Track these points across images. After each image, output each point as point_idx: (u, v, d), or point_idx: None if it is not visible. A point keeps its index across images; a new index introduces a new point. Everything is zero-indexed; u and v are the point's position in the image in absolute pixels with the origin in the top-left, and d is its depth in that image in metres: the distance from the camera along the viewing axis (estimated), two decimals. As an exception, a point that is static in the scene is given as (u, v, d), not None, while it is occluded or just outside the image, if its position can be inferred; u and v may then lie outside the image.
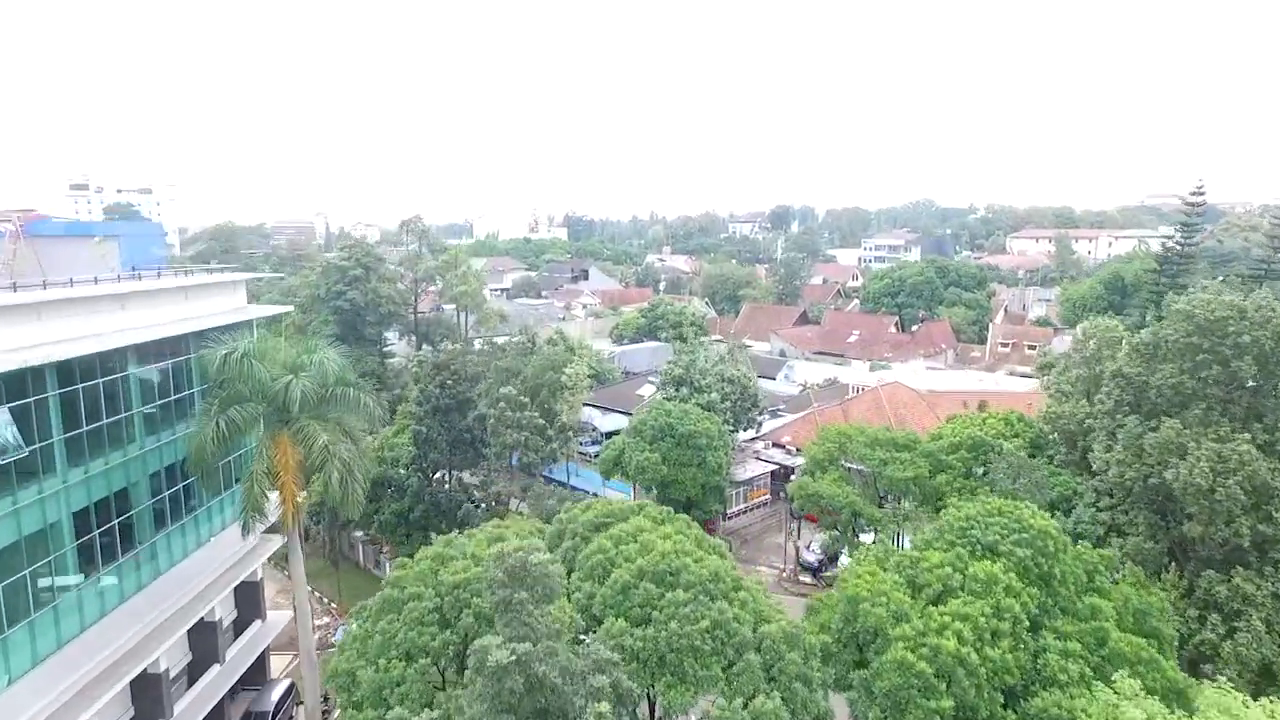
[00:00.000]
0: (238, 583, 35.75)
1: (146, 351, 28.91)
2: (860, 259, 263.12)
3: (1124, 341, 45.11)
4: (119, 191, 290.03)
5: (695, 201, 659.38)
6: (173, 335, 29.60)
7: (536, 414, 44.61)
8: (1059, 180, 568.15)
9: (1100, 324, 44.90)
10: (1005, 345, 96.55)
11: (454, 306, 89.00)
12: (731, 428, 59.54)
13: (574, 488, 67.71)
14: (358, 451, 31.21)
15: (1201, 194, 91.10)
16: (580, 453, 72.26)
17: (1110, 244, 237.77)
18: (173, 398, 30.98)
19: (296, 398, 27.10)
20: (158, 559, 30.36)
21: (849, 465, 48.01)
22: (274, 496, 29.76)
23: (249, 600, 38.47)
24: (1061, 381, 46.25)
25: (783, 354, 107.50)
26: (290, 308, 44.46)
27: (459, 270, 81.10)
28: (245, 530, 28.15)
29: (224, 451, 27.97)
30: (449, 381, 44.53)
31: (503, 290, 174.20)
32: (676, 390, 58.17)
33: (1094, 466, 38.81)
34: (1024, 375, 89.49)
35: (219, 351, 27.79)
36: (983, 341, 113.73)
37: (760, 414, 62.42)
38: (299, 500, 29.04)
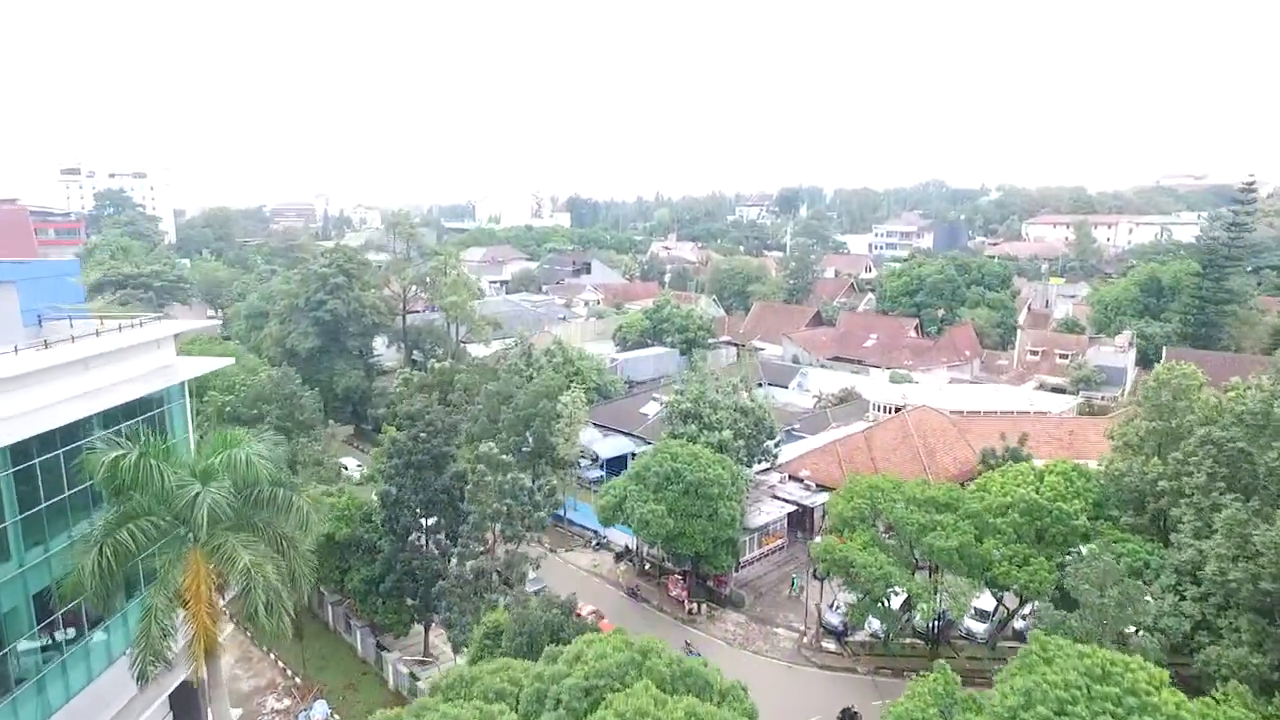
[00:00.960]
0: (171, 690, 30.33)
1: (25, 449, 23.06)
2: (871, 245, 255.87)
3: (1202, 388, 39.11)
4: (111, 176, 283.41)
5: (701, 181, 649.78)
6: (62, 424, 23.72)
7: (524, 477, 38.66)
8: (1071, 160, 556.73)
9: (1176, 369, 38.73)
10: (1035, 353, 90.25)
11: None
12: (745, 463, 53.82)
13: (571, 523, 62.14)
14: (298, 554, 25.46)
15: (1253, 190, 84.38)
16: (579, 477, 66.60)
17: (1131, 230, 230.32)
18: (67, 494, 25.18)
19: (203, 521, 21.25)
20: (47, 695, 24.73)
21: (875, 506, 42.16)
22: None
23: (185, 705, 32.91)
24: (1128, 432, 40.21)
25: (795, 360, 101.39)
26: (230, 360, 38.53)
27: (449, 278, 74.97)
28: (141, 680, 22.41)
29: (114, 578, 22.09)
30: (423, 435, 38.64)
31: (502, 283, 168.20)
32: (684, 425, 52.28)
33: (1181, 551, 32.91)
34: (1056, 389, 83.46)
35: (106, 455, 21.84)
36: (1007, 346, 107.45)
37: (776, 445, 56.54)
38: (214, 632, 23.21)
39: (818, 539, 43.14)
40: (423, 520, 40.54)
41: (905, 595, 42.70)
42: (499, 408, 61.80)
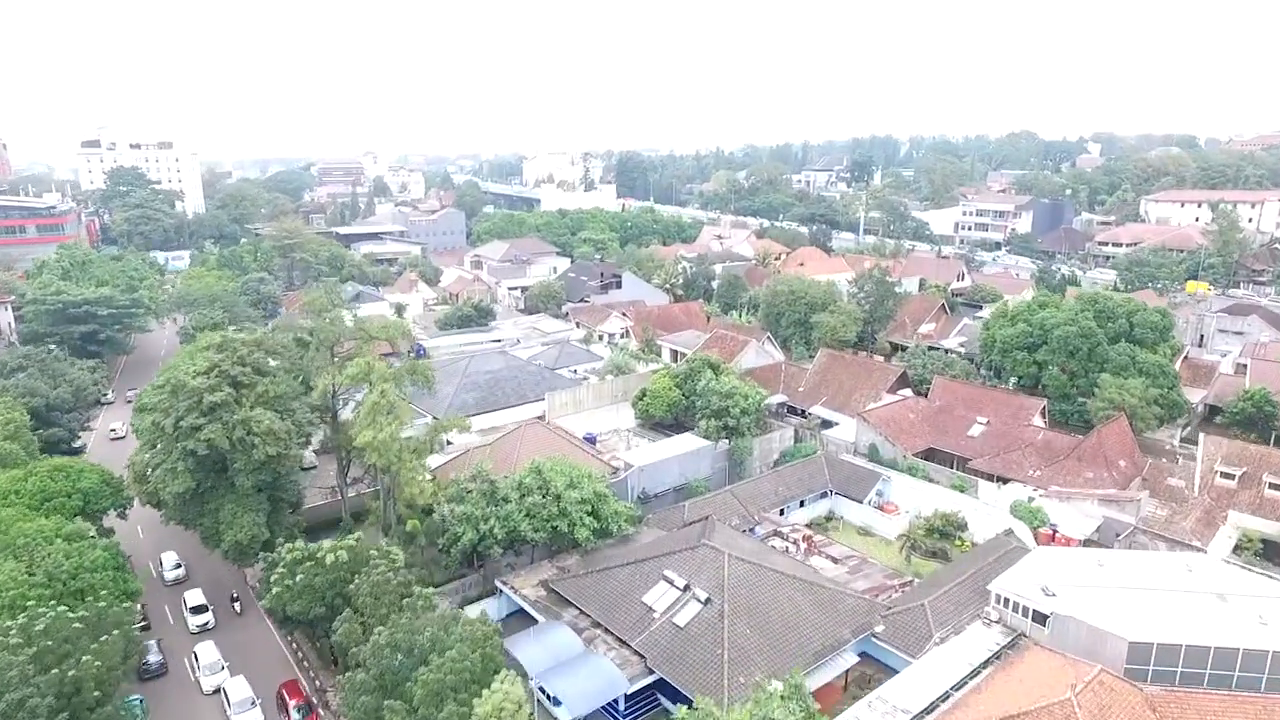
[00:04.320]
0: None
1: None
2: (957, 225, 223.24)
3: None
4: (133, 147, 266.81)
5: (766, 130, 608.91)
6: None
7: None
8: (1177, 103, 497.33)
9: None
10: (1229, 475, 62.39)
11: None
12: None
13: None
14: None
15: None
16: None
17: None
18: None
19: None
20: None
21: None
22: None
23: None
24: None
25: (873, 450, 75.51)
26: None
27: (369, 399, 51.38)
28: None
29: None
30: None
31: (521, 291, 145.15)
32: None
33: None
34: (1268, 541, 56.01)
35: None
36: (1165, 419, 79.51)
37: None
38: None
39: None
40: None
41: None
42: (398, 667, 38.80)
